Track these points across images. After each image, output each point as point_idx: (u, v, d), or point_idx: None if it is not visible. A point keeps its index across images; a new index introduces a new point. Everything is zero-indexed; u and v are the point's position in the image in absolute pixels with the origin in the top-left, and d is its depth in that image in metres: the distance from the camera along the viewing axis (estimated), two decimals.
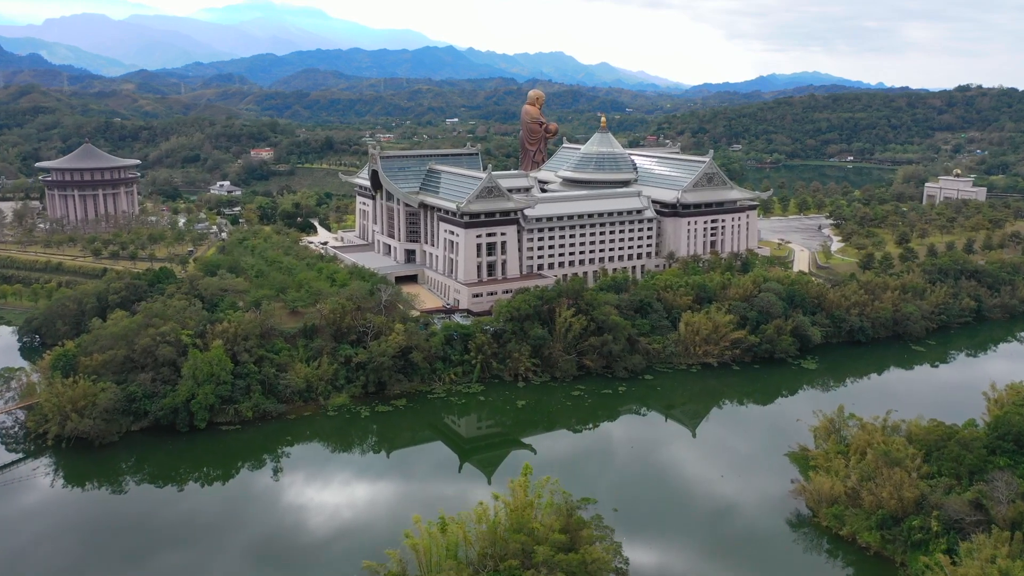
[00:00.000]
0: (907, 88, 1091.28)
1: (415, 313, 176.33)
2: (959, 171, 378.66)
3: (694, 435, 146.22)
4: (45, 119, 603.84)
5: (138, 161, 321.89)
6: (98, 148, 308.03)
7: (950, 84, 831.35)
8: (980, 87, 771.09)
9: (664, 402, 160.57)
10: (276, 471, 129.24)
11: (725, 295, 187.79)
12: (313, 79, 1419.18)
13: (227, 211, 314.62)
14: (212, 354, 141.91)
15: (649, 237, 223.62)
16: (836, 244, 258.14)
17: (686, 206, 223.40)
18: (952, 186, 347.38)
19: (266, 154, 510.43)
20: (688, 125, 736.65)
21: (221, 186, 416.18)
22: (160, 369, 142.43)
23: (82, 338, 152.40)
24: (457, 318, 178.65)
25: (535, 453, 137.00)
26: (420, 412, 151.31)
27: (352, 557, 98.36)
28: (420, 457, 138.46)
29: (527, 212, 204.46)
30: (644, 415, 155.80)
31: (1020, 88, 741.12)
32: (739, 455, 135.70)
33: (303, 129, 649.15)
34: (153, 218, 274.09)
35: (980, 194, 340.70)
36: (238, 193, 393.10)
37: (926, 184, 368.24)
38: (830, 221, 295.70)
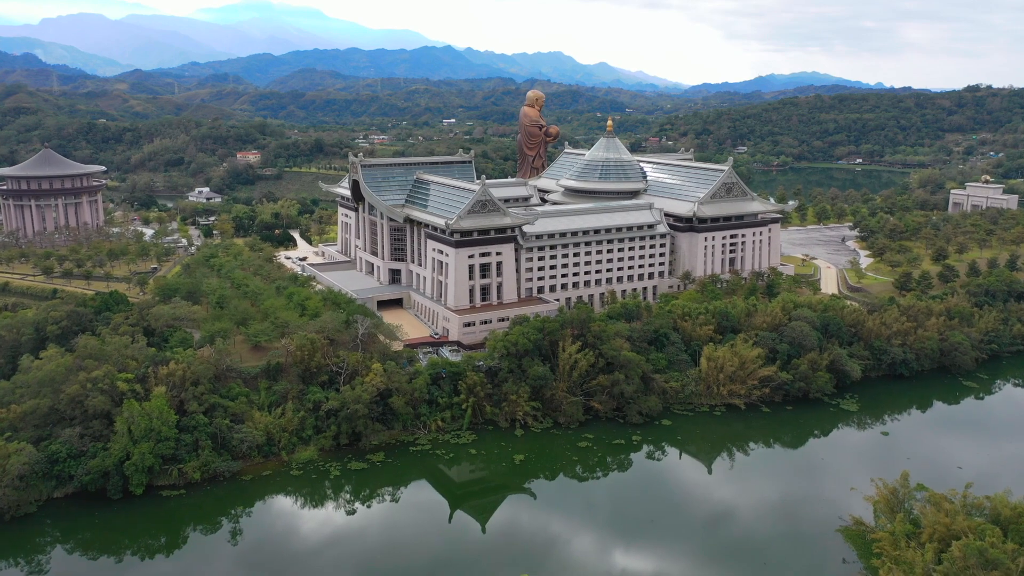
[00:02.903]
0: (909, 88, 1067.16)
1: (397, 346, 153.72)
2: (988, 177, 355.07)
3: (725, 500, 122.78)
4: (26, 120, 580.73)
5: (103, 168, 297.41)
6: (79, 150, 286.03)
7: (949, 84, 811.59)
8: (990, 87, 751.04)
9: (685, 452, 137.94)
10: (234, 534, 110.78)
11: (751, 323, 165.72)
12: (310, 79, 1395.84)
13: (202, 221, 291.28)
14: (152, 405, 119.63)
15: (662, 255, 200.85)
16: (865, 260, 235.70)
17: (703, 220, 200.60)
18: (981, 193, 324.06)
19: (253, 157, 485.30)
20: (691, 126, 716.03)
21: (200, 192, 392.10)
22: (90, 423, 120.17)
23: (0, 384, 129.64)
24: (445, 352, 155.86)
25: (535, 498, 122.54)
26: (400, 468, 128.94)
27: None
28: (404, 508, 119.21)
29: (526, 228, 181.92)
30: (661, 473, 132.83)
31: None
32: (781, 528, 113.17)
33: (295, 130, 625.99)
34: (117, 230, 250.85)
35: (1011, 202, 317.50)
36: (218, 200, 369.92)
37: (952, 191, 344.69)
38: (855, 233, 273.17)
